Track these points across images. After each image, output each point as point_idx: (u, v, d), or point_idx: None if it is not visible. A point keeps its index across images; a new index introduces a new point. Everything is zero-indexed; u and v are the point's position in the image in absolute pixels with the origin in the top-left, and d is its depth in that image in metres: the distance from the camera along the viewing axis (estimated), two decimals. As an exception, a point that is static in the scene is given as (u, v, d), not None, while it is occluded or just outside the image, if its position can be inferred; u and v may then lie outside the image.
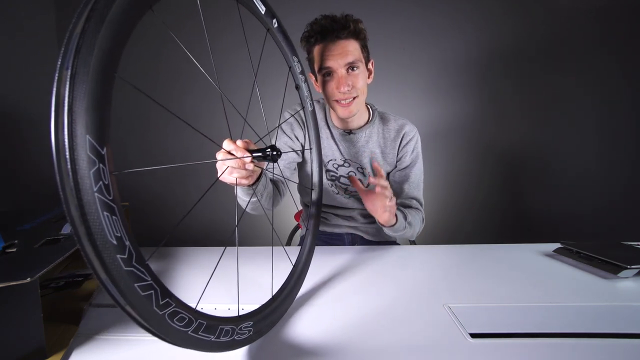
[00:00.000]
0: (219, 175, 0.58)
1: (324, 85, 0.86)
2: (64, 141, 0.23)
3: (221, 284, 0.63)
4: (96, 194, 0.24)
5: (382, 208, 0.74)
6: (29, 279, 0.37)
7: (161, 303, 0.29)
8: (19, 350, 0.39)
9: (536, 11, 1.85)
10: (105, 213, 0.24)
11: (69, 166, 0.23)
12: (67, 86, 0.23)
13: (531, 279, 0.66)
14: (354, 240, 1.05)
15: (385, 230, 0.84)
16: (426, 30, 1.88)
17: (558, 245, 0.81)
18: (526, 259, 0.78)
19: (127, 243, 0.26)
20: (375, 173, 0.73)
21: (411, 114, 1.34)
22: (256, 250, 0.84)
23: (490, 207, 2.02)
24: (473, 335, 0.46)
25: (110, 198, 0.25)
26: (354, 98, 0.85)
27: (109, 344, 0.45)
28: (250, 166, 0.54)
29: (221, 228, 1.96)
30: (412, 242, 1.18)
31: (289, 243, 1.27)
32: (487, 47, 1.89)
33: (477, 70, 1.91)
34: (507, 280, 0.65)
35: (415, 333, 0.47)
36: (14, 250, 0.48)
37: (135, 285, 0.26)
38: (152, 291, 0.28)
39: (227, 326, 0.36)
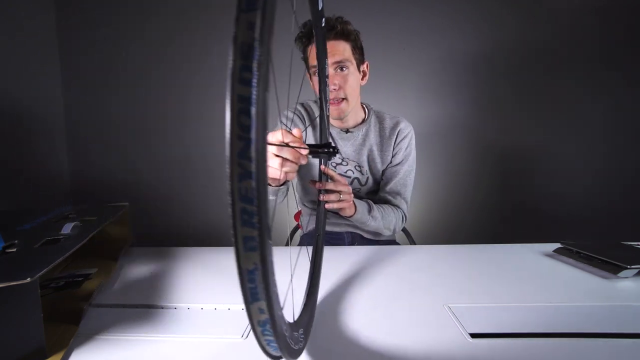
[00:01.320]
0: (268, 163, 0.56)
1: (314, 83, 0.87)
2: (264, 114, 0.20)
3: (221, 284, 0.63)
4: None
5: (337, 205, 0.76)
6: (29, 279, 0.37)
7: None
8: (19, 350, 0.39)
9: (536, 11, 1.85)
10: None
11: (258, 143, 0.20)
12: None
13: (531, 279, 0.66)
14: (353, 238, 1.05)
15: (352, 220, 0.88)
16: (425, 30, 1.87)
17: (558, 245, 0.81)
18: (526, 259, 0.78)
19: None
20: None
21: (411, 114, 1.34)
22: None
23: (490, 207, 2.02)
24: (473, 335, 0.46)
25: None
26: (343, 99, 0.85)
27: (109, 344, 0.45)
28: (305, 160, 0.53)
29: (221, 228, 1.95)
30: (412, 242, 1.18)
31: (289, 243, 1.27)
32: (486, 47, 1.89)
33: (476, 71, 1.91)
34: (507, 280, 0.65)
35: (415, 333, 0.47)
36: (14, 250, 0.48)
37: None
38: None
39: (295, 332, 0.33)
